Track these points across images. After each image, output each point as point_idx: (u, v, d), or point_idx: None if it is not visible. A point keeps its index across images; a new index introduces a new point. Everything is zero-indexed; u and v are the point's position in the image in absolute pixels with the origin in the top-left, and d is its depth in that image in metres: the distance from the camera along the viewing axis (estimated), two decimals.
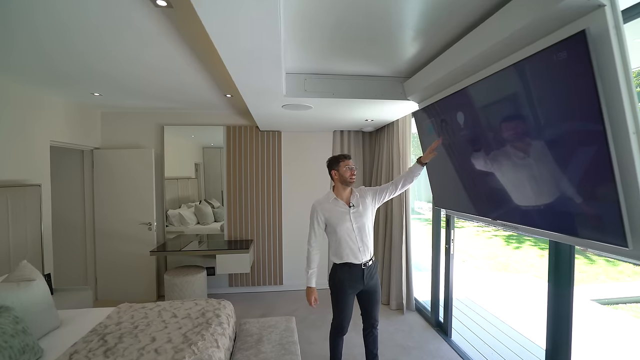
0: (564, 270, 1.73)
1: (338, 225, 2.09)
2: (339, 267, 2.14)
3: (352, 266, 2.10)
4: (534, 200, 1.48)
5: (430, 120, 2.27)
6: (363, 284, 2.13)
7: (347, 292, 2.13)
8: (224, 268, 3.69)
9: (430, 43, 1.93)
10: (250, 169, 4.24)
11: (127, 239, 3.95)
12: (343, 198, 2.16)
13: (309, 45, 1.98)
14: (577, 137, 1.21)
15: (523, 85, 1.41)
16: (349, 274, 2.11)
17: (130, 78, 2.67)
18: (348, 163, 2.14)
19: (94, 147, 3.93)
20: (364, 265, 2.11)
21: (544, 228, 1.47)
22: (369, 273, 2.14)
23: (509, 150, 1.58)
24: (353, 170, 2.13)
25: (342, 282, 2.12)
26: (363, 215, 2.14)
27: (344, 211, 2.12)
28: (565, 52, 1.15)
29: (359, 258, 2.10)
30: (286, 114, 3.15)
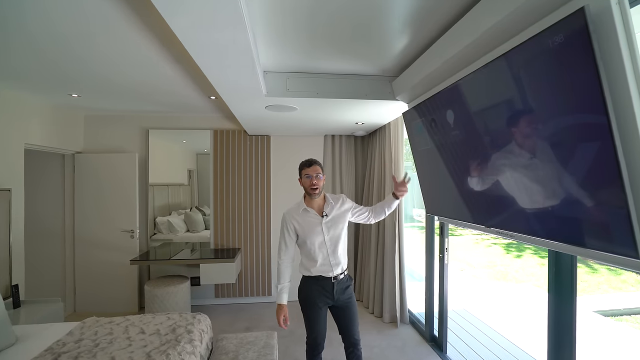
0: (566, 280, 1.56)
1: (309, 236, 1.94)
2: (307, 280, 1.99)
3: (321, 279, 1.95)
4: (532, 206, 1.33)
5: (420, 120, 2.13)
6: (333, 298, 1.97)
7: (318, 306, 1.96)
8: (209, 278, 3.51)
9: (417, 36, 1.80)
10: (238, 174, 4.09)
11: (108, 247, 3.77)
12: (314, 207, 1.99)
13: (287, 37, 1.84)
14: (578, 133, 1.06)
15: (515, 77, 1.27)
16: (317, 287, 1.96)
17: (104, 78, 2.53)
18: (307, 171, 1.93)
19: (75, 151, 3.78)
20: (334, 278, 1.95)
21: (542, 236, 1.31)
22: (339, 287, 1.97)
23: (502, 150, 1.43)
24: (312, 180, 1.92)
25: (311, 295, 1.96)
26: (337, 227, 1.98)
27: (315, 221, 1.95)
28: (562, 36, 1.01)
29: (329, 272, 1.95)
30: (272, 117, 3.02)
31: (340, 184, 4.19)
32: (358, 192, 4.29)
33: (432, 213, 2.36)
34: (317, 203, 2.00)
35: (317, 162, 1.98)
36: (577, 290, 1.52)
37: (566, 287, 1.56)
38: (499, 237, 5.76)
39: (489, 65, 1.39)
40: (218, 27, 1.35)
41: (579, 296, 1.57)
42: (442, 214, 2.20)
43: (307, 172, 1.94)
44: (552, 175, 1.19)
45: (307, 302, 1.98)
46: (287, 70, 2.31)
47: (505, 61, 1.29)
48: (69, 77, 2.52)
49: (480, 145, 1.56)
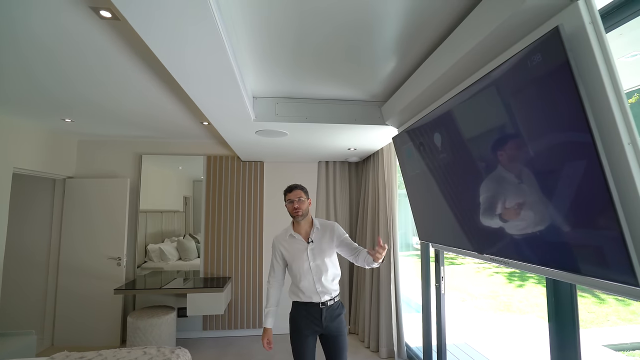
0: (566, 309, 1.46)
1: (295, 262, 1.93)
2: (296, 307, 1.97)
3: (310, 305, 1.91)
4: (522, 231, 1.26)
5: (409, 144, 2.11)
6: (321, 325, 1.89)
7: (304, 334, 1.89)
8: (196, 309, 3.35)
9: (404, 60, 1.82)
10: (231, 201, 4.03)
11: (93, 276, 3.63)
12: (301, 233, 1.97)
13: (275, 63, 1.86)
14: (563, 153, 1.03)
15: (498, 98, 1.25)
16: (305, 313, 1.91)
17: (97, 104, 2.55)
18: (289, 196, 1.94)
19: (66, 176, 3.75)
20: (322, 304, 1.90)
21: (536, 263, 1.23)
22: (328, 314, 1.90)
23: (489, 173, 1.39)
24: (294, 204, 1.91)
25: (297, 322, 1.92)
26: (324, 253, 1.93)
27: (301, 247, 1.94)
28: (540, 55, 1.00)
29: (316, 299, 1.91)
30: (263, 142, 3.01)
31: (335, 210, 4.12)
32: (352, 219, 4.21)
33: (425, 240, 2.28)
34: (304, 228, 1.98)
35: (299, 186, 1.99)
36: (579, 321, 1.41)
37: (567, 317, 1.45)
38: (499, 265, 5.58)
39: (471, 87, 1.38)
40: (199, 50, 1.36)
41: (587, 329, 1.47)
42: (435, 241, 2.12)
43: (289, 197, 1.95)
44: (539, 198, 1.13)
45: (294, 330, 1.93)
46: (276, 96, 2.33)
47: (487, 83, 1.28)
48: (62, 102, 2.53)
49: (468, 169, 1.52)
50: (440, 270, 2.67)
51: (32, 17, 1.46)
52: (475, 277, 8.07)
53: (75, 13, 1.42)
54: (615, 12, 1.05)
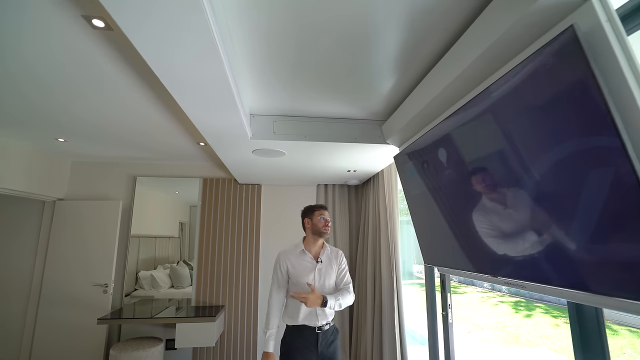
0: (594, 342, 1.31)
1: (300, 279, 1.91)
2: (290, 332, 1.89)
3: (306, 329, 1.87)
4: (543, 248, 1.15)
5: (411, 162, 2.03)
6: (317, 352, 1.83)
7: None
8: (185, 341, 3.12)
9: (404, 76, 1.78)
10: (227, 225, 3.89)
11: (76, 304, 3.41)
12: (312, 251, 2.02)
13: (273, 79, 1.82)
14: (588, 160, 0.94)
15: (509, 107, 1.18)
16: (300, 339, 1.84)
17: (91, 123, 2.49)
18: (323, 213, 2.02)
19: (57, 198, 3.63)
20: (319, 329, 1.88)
21: (559, 284, 1.11)
22: (324, 339, 1.89)
23: (503, 185, 1.29)
24: (327, 222, 2.00)
25: (292, 348, 1.84)
26: (328, 277, 1.98)
27: (309, 266, 1.94)
28: (556, 56, 0.94)
29: (314, 322, 1.88)
30: (261, 163, 2.93)
31: (334, 235, 3.98)
32: (352, 244, 4.05)
33: (430, 263, 2.14)
34: (315, 249, 2.02)
35: None
36: (609, 352, 1.26)
37: (596, 351, 1.30)
38: (505, 294, 5.26)
39: (479, 96, 1.31)
40: (195, 60, 1.31)
41: None
42: (441, 264, 1.99)
43: (322, 214, 2.00)
44: (564, 210, 1.03)
45: (287, 357, 1.84)
46: (274, 114, 2.28)
47: (497, 91, 1.22)
48: (55, 121, 2.47)
49: (479, 183, 1.43)
50: (447, 297, 2.50)
51: (21, 31, 1.42)
52: (479, 307, 7.73)
53: (67, 24, 1.38)
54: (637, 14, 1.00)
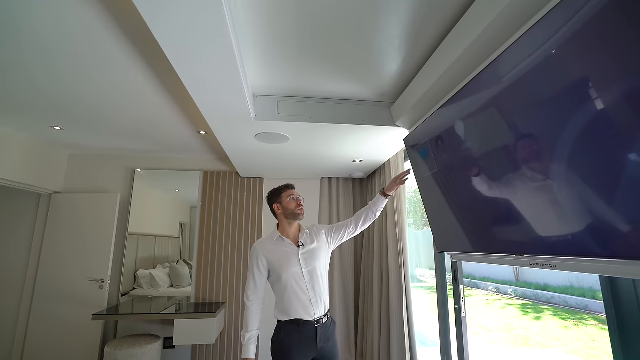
0: (634, 341, 1.15)
1: (284, 270, 1.70)
2: (284, 327, 1.67)
3: (302, 324, 1.66)
4: (585, 215, 1.02)
5: (424, 141, 1.91)
6: (316, 348, 1.65)
7: None
8: (184, 338, 2.98)
9: (414, 51, 1.68)
10: (227, 219, 3.78)
11: (71, 300, 3.28)
12: (290, 236, 1.83)
13: (276, 54, 1.72)
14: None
15: (546, 57, 1.07)
16: (297, 335, 1.64)
17: (87, 104, 2.39)
18: (292, 193, 1.85)
19: (53, 190, 3.52)
20: (317, 322, 1.69)
21: (604, 255, 0.98)
22: (323, 333, 1.71)
23: (541, 153, 1.18)
24: (300, 201, 1.83)
25: (288, 346, 1.63)
26: (315, 257, 1.80)
27: (291, 252, 1.76)
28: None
29: (310, 313, 1.69)
30: (264, 151, 2.83)
31: None
32: (357, 241, 3.92)
33: (443, 250, 2.01)
34: (292, 233, 1.85)
35: None
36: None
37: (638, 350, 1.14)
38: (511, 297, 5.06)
39: (510, 50, 1.19)
40: (202, 32, 1.20)
41: None
42: (455, 249, 1.86)
43: (292, 193, 1.85)
44: (618, 161, 0.91)
45: (284, 355, 1.63)
46: (278, 94, 2.17)
47: (530, 41, 1.10)
48: (51, 100, 2.36)
49: (508, 150, 1.31)
50: (460, 289, 2.37)
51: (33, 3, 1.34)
52: (486, 309, 7.56)
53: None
54: None
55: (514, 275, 8.21)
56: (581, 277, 6.43)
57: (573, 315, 6.17)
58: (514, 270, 8.19)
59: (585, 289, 6.39)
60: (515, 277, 8.13)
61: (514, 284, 8.02)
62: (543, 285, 7.52)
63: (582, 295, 6.40)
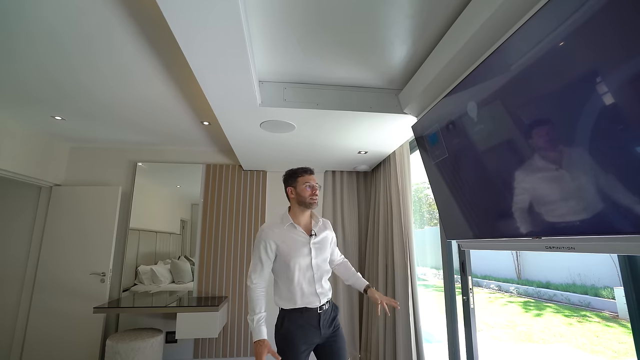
0: None
1: (292, 258, 1.63)
2: (287, 315, 1.64)
3: (305, 312, 1.63)
4: (605, 190, 0.99)
5: (433, 127, 1.88)
6: (319, 334, 1.64)
7: (300, 349, 1.58)
8: (187, 331, 2.94)
9: (424, 33, 1.64)
10: (230, 213, 3.74)
11: (72, 293, 3.25)
12: (301, 224, 1.74)
13: (283, 38, 1.68)
14: None
15: (566, 40, 1.03)
16: (301, 322, 1.62)
17: (93, 92, 2.35)
18: (308, 179, 1.72)
19: (54, 183, 3.48)
20: (320, 309, 1.65)
21: (628, 231, 0.95)
22: (326, 318, 1.67)
23: (558, 125, 1.14)
24: (315, 189, 1.71)
25: (292, 334, 1.59)
26: (325, 249, 1.76)
27: (302, 241, 1.69)
28: None
29: (315, 303, 1.65)
30: (268, 142, 2.79)
31: (342, 223, 3.81)
32: (362, 235, 3.88)
33: (452, 238, 1.98)
34: (304, 220, 1.76)
35: None
36: None
37: None
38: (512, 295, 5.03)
39: (523, 29, 1.16)
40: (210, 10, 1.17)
41: None
42: (464, 236, 1.82)
43: (308, 181, 1.71)
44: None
45: (287, 344, 1.59)
46: (285, 80, 2.14)
47: (543, 22, 1.07)
48: (53, 87, 2.32)
49: (523, 130, 1.27)
50: (468, 280, 2.34)
51: None
52: (488, 307, 7.54)
53: None
54: None
55: (515, 273, 8.18)
56: (583, 274, 6.40)
57: (576, 313, 6.15)
58: (516, 268, 8.16)
59: (587, 286, 6.35)
60: (517, 274, 8.10)
61: (515, 282, 7.99)
62: (545, 283, 7.49)
63: (584, 293, 6.36)
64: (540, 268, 7.50)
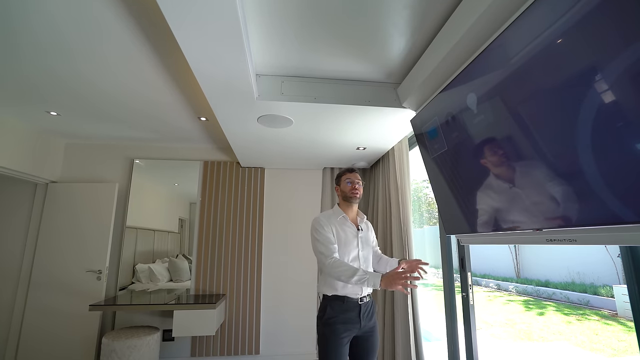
0: None
1: (344, 247, 1.78)
2: (330, 302, 1.72)
3: (347, 301, 1.71)
4: (607, 178, 0.97)
5: (432, 120, 1.85)
6: (359, 324, 1.71)
7: (342, 336, 1.66)
8: (183, 329, 2.91)
9: (424, 22, 1.61)
10: (228, 210, 3.71)
11: (68, 291, 3.21)
12: (350, 218, 1.90)
13: (281, 30, 1.65)
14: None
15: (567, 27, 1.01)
16: (342, 311, 1.70)
17: (89, 83, 2.31)
18: (349, 177, 1.91)
19: (50, 180, 3.45)
20: (361, 300, 1.74)
21: (634, 219, 0.92)
22: (366, 311, 1.76)
23: (560, 116, 1.12)
24: (355, 184, 1.88)
25: (334, 321, 1.67)
26: (368, 243, 1.91)
27: (352, 233, 1.84)
28: None
29: (358, 293, 1.74)
30: (266, 137, 2.76)
31: None
32: None
33: (451, 232, 1.95)
34: (351, 215, 1.91)
35: (358, 171, 2.05)
36: None
37: None
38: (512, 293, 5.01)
39: (524, 18, 1.14)
40: None
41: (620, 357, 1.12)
42: (464, 230, 1.80)
43: (349, 177, 1.90)
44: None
45: (331, 331, 1.66)
46: (282, 74, 2.11)
47: (545, 11, 1.05)
48: (52, 86, 2.29)
49: (524, 121, 1.25)
50: (467, 277, 2.31)
51: None
52: (488, 305, 7.53)
53: None
54: None
55: (514, 272, 8.16)
56: (582, 272, 6.39)
57: (575, 311, 6.13)
58: (515, 266, 8.14)
59: (586, 284, 6.34)
60: (516, 273, 8.09)
61: (515, 281, 7.98)
62: (544, 282, 7.47)
63: (583, 291, 6.35)
64: (540, 267, 7.49)
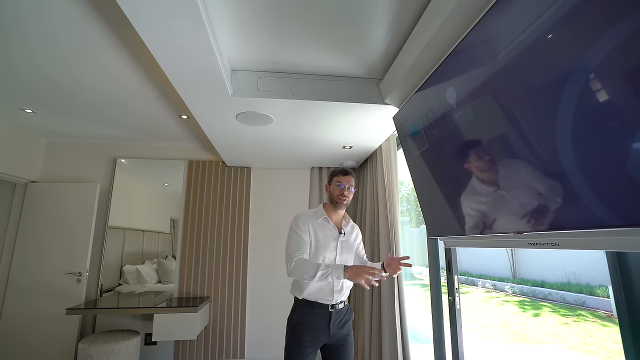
0: None
1: (321, 250, 1.68)
2: (298, 307, 1.67)
3: (317, 306, 1.64)
4: (591, 180, 0.88)
5: (413, 116, 1.77)
6: (328, 333, 1.63)
7: (305, 345, 1.56)
8: (164, 333, 2.82)
9: (402, 12, 1.53)
10: (213, 210, 3.61)
11: (46, 293, 3.11)
12: (333, 221, 1.79)
13: (254, 21, 1.56)
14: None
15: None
16: (310, 316, 1.62)
17: (58, 84, 2.22)
18: (340, 179, 1.76)
19: (29, 180, 3.35)
20: (332, 307, 1.65)
21: (618, 224, 0.83)
22: (338, 319, 1.66)
23: (540, 108, 1.03)
24: (343, 190, 1.73)
25: (300, 326, 1.62)
26: (349, 249, 1.80)
27: (332, 236, 1.74)
28: None
29: (329, 299, 1.66)
30: (247, 135, 2.67)
31: None
32: None
33: (435, 235, 1.87)
34: (335, 218, 1.80)
35: (353, 174, 1.81)
36: None
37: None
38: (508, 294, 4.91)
39: (500, 5, 1.05)
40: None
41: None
42: (448, 233, 1.71)
43: (340, 180, 1.76)
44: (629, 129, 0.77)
45: (295, 342, 1.58)
46: (258, 69, 2.02)
47: None
48: (18, 81, 2.20)
49: (504, 115, 1.16)
50: (454, 280, 2.23)
51: None
52: (483, 306, 7.45)
53: None
54: None
55: (510, 272, 8.09)
56: (578, 273, 6.32)
57: (572, 312, 6.07)
58: (511, 266, 8.07)
59: (582, 285, 6.27)
60: (512, 273, 8.02)
61: (511, 281, 7.91)
62: (540, 282, 7.41)
63: (579, 292, 6.28)
64: (536, 267, 7.43)
